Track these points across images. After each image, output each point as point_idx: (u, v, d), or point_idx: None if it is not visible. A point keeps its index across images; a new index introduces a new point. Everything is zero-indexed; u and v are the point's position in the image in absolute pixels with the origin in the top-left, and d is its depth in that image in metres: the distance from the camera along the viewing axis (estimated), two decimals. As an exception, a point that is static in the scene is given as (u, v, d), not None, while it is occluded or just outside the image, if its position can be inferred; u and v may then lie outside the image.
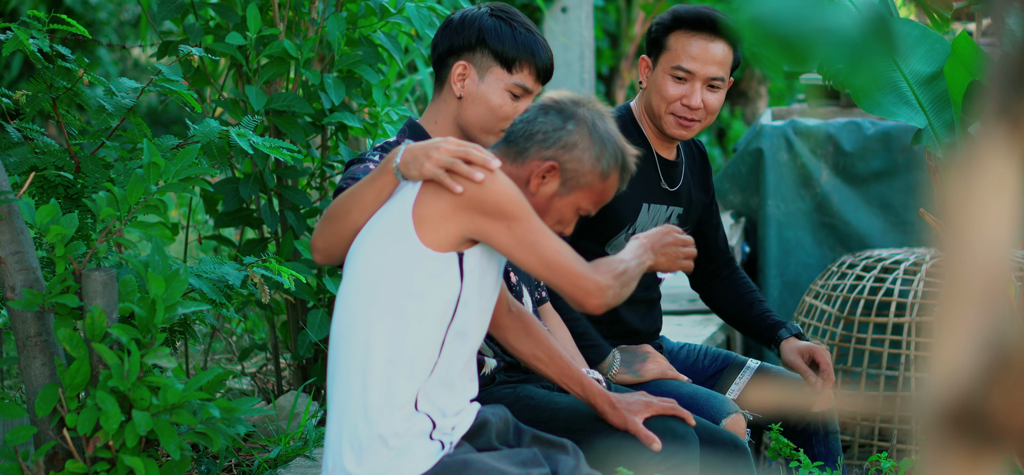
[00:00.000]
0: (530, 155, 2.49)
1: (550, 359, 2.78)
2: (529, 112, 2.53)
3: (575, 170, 2.49)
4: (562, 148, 2.48)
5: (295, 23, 4.07)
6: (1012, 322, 1.01)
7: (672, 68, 3.23)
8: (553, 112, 2.50)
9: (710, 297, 3.61)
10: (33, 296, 2.67)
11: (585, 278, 2.42)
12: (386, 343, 2.41)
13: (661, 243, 2.66)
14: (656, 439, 2.74)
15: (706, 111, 3.25)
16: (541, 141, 2.48)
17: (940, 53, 3.14)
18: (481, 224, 2.38)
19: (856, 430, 4.16)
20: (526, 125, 2.51)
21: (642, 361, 3.23)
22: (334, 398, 2.49)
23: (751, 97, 11.02)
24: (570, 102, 2.52)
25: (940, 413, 0.99)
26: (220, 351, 5.07)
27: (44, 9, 8.33)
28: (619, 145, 2.53)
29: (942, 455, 0.99)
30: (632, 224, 3.30)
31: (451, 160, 2.39)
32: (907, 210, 5.14)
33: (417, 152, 2.44)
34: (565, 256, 2.41)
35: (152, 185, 2.77)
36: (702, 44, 3.22)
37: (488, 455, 2.45)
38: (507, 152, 2.51)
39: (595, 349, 3.19)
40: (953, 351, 0.99)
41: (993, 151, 0.99)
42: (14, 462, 2.72)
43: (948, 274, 1.01)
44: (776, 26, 1.18)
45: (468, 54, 2.95)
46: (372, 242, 2.47)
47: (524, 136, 2.50)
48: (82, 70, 3.15)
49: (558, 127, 2.48)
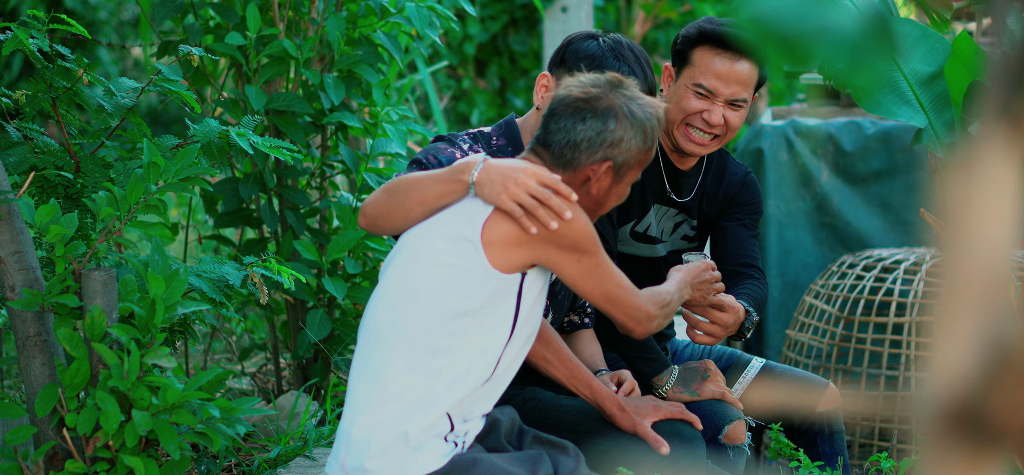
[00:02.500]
0: (581, 163, 2.52)
1: (560, 361, 2.81)
2: (564, 118, 2.53)
3: (626, 159, 2.54)
4: (610, 147, 2.52)
5: (295, 23, 4.07)
6: (1012, 322, 1.01)
7: (694, 84, 3.14)
8: (589, 116, 2.51)
9: None
10: (33, 296, 2.67)
11: (638, 309, 2.56)
12: (432, 354, 2.42)
13: (698, 279, 2.84)
14: (664, 443, 2.77)
15: (726, 128, 3.16)
16: (587, 148, 2.52)
17: (940, 53, 3.13)
18: (554, 256, 2.47)
19: (856, 430, 4.16)
20: (567, 134, 2.52)
21: (702, 380, 3.14)
22: (359, 391, 2.47)
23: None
24: (598, 96, 2.53)
25: (940, 413, 0.99)
26: (220, 351, 5.07)
27: (44, 9, 8.33)
28: (653, 113, 2.57)
29: (942, 455, 0.99)
30: (638, 221, 3.29)
31: (530, 202, 2.43)
32: (907, 210, 5.14)
33: (495, 176, 2.46)
34: (624, 289, 2.54)
35: (152, 185, 2.77)
36: (727, 63, 3.12)
37: (496, 456, 2.47)
38: (554, 162, 2.54)
39: (654, 362, 3.15)
40: (953, 351, 0.99)
41: (993, 151, 0.99)
42: (14, 462, 2.72)
43: (948, 274, 1.01)
44: (776, 26, 1.18)
45: (554, 68, 2.98)
46: (432, 248, 2.47)
47: (569, 146, 2.52)
48: (82, 70, 3.15)
49: (600, 130, 2.51)
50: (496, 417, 2.57)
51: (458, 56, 9.24)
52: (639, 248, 3.32)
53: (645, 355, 3.13)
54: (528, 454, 2.51)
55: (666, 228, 3.33)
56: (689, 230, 3.36)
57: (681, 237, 3.36)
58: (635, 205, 3.27)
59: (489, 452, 2.49)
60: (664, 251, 3.35)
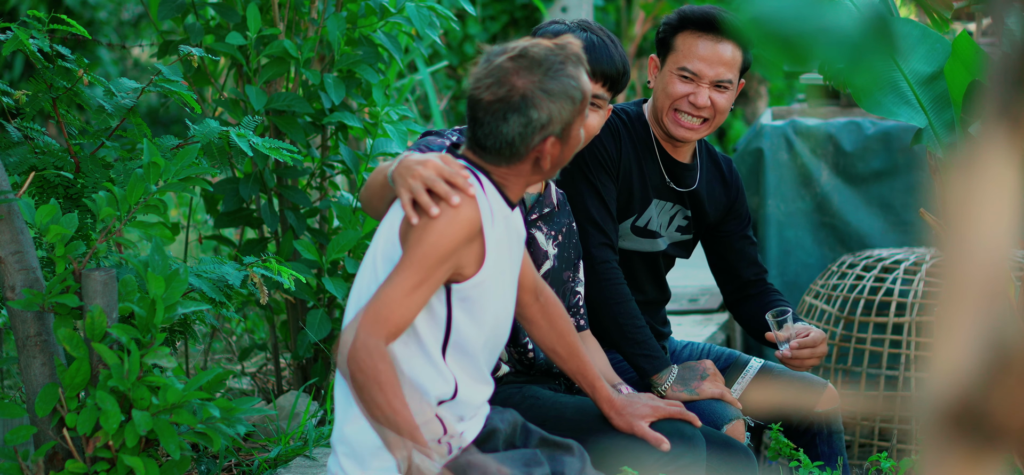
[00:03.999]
0: (523, 154, 2.41)
1: (569, 355, 2.76)
2: (486, 123, 2.39)
3: (565, 126, 2.41)
4: (543, 128, 2.38)
5: (295, 23, 4.07)
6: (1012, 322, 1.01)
7: (678, 69, 3.19)
8: (509, 113, 2.37)
9: (740, 318, 3.50)
10: (33, 296, 2.67)
11: (362, 333, 2.28)
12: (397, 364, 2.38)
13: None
14: (664, 439, 2.76)
15: (714, 110, 3.20)
16: (522, 141, 2.39)
17: (940, 53, 3.13)
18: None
19: (856, 430, 4.16)
20: (496, 138, 2.39)
21: (701, 379, 3.15)
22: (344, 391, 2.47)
23: (751, 97, 11.02)
24: (507, 90, 2.37)
25: (940, 413, 0.99)
26: (220, 351, 5.07)
27: (44, 9, 8.33)
28: (570, 72, 2.39)
29: (942, 455, 0.99)
30: (638, 216, 3.30)
31: (419, 192, 2.34)
32: (907, 210, 5.14)
33: (403, 169, 2.40)
34: (386, 303, 2.28)
35: (152, 185, 2.77)
36: (709, 45, 3.18)
37: (490, 456, 2.45)
38: (497, 160, 2.43)
39: (655, 360, 3.14)
40: (953, 351, 0.99)
41: (993, 151, 0.99)
42: (14, 462, 2.72)
43: (948, 274, 1.01)
44: (776, 26, 1.18)
45: None
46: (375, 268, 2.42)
47: (504, 146, 2.40)
48: (82, 70, 3.15)
49: (525, 122, 2.38)
50: (495, 425, 2.53)
51: (458, 56, 9.24)
52: (639, 243, 3.32)
53: (645, 352, 3.13)
54: (524, 453, 2.49)
55: (663, 222, 3.35)
56: (682, 220, 3.38)
57: (676, 229, 3.38)
58: (636, 200, 3.28)
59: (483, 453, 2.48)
60: (664, 245, 3.36)
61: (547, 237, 3.01)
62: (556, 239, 3.03)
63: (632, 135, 3.28)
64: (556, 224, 3.04)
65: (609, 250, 3.16)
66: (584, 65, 2.44)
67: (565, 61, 2.40)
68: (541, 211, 3.00)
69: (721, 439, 2.94)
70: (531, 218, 2.97)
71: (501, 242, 2.42)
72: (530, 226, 2.96)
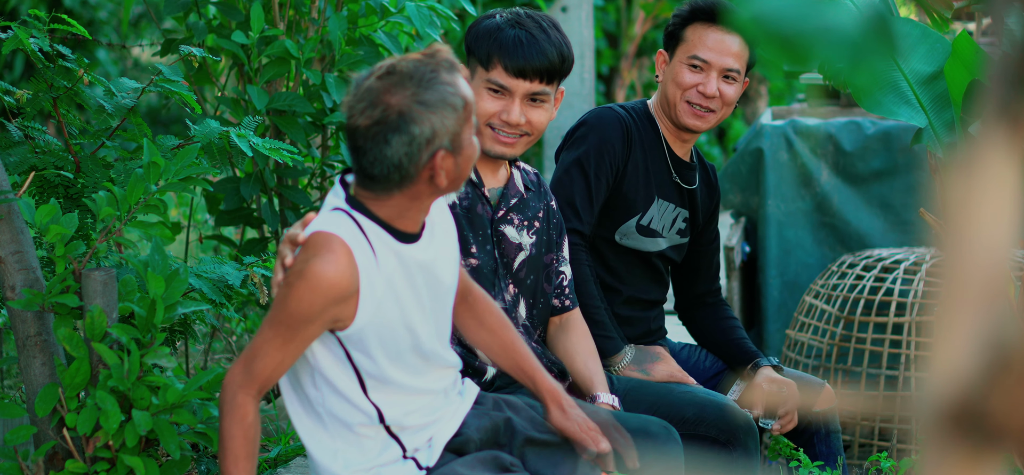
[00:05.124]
0: (413, 174, 2.29)
1: (503, 351, 2.63)
2: (369, 150, 2.27)
3: (453, 137, 2.29)
4: (429, 143, 2.26)
5: (296, 22, 4.07)
6: (1012, 322, 1.01)
7: (688, 58, 3.27)
8: (389, 134, 2.25)
9: (691, 321, 3.57)
10: (33, 296, 2.67)
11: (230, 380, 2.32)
12: (309, 405, 2.40)
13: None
14: (601, 439, 2.56)
15: (722, 101, 3.28)
16: (409, 161, 2.27)
17: (940, 53, 3.14)
18: None
19: (856, 430, 4.16)
20: (383, 164, 2.27)
21: (652, 361, 3.23)
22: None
23: (751, 97, 11.02)
24: (383, 111, 2.25)
25: (940, 413, 0.99)
26: (220, 351, 5.07)
27: (44, 9, 8.33)
28: (445, 80, 2.29)
29: (942, 455, 0.99)
30: (643, 214, 3.31)
31: (285, 251, 2.35)
32: (907, 210, 5.14)
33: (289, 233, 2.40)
34: (252, 353, 2.30)
35: (152, 185, 2.77)
36: (718, 36, 3.26)
37: (462, 463, 2.42)
38: (389, 188, 2.31)
39: (610, 341, 3.18)
40: (953, 351, 0.99)
41: (993, 151, 0.99)
42: (14, 462, 2.72)
43: (948, 274, 1.01)
44: (776, 26, 1.18)
45: (469, 60, 2.95)
46: None
47: (392, 170, 2.27)
48: (82, 70, 3.15)
49: (408, 141, 2.25)
50: (470, 435, 2.48)
51: (458, 56, 9.24)
52: (643, 242, 3.34)
53: (602, 333, 3.16)
54: (500, 458, 2.46)
55: (665, 223, 3.37)
56: (682, 223, 3.41)
57: (676, 231, 3.40)
58: (641, 198, 3.30)
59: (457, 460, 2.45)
60: (665, 245, 3.38)
61: (519, 228, 2.94)
62: (532, 226, 2.97)
63: (642, 134, 3.32)
64: (530, 211, 2.98)
65: (578, 234, 3.17)
66: (459, 70, 2.33)
67: (437, 69, 2.29)
68: (509, 204, 2.94)
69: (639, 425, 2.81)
70: (498, 215, 2.91)
71: (394, 280, 2.33)
72: (498, 223, 2.91)
